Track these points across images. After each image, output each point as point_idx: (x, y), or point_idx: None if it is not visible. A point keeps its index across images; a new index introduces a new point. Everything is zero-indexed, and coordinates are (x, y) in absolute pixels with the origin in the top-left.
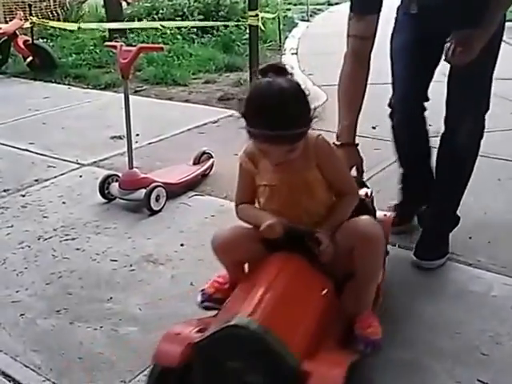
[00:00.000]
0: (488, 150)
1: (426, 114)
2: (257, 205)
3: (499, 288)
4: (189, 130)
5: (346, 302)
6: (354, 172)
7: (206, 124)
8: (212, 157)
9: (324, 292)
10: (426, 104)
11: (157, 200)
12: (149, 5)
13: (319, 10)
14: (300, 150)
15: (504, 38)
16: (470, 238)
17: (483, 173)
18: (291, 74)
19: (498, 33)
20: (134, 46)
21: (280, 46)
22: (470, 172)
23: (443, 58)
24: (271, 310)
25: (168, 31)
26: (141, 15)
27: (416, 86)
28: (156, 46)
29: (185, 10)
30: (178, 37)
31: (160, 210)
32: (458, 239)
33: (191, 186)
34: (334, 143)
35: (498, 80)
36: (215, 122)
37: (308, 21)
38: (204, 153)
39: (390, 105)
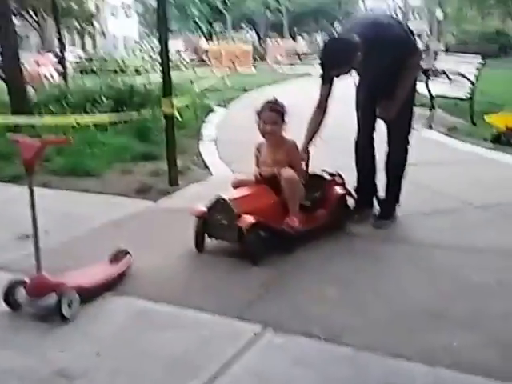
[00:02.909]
0: (402, 235)
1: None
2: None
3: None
4: (104, 224)
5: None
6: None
7: (122, 217)
8: (129, 254)
9: (272, 201)
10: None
11: (69, 306)
12: (58, 91)
13: (236, 96)
14: (276, 133)
15: (412, 125)
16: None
17: (399, 258)
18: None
19: (409, 96)
20: (40, 137)
21: (198, 133)
22: (403, 170)
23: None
24: (237, 196)
25: (80, 121)
26: (49, 102)
27: (369, 125)
28: (61, 139)
29: (96, 96)
30: (90, 124)
31: (73, 317)
32: (378, 327)
33: (108, 287)
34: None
35: (409, 166)
36: (132, 215)
37: (225, 107)
38: (121, 250)
39: (357, 136)
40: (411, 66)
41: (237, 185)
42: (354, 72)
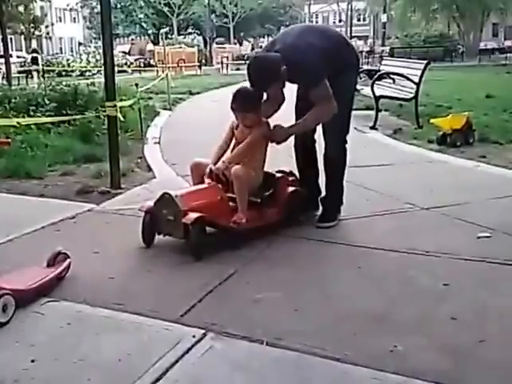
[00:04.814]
0: (346, 237)
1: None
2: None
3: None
4: (43, 227)
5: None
6: None
7: (62, 220)
8: (68, 257)
9: (219, 198)
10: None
11: (4, 310)
12: (0, 93)
13: (181, 99)
14: (250, 121)
15: (357, 126)
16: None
17: (343, 261)
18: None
19: (345, 96)
20: None
21: (142, 135)
22: (342, 169)
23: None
24: (184, 193)
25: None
26: None
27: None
28: (2, 140)
29: (39, 99)
30: (32, 126)
31: (8, 322)
32: (322, 331)
33: (45, 291)
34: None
35: (353, 167)
36: (73, 217)
37: (170, 110)
38: (59, 253)
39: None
40: (315, 100)
41: (196, 167)
42: None
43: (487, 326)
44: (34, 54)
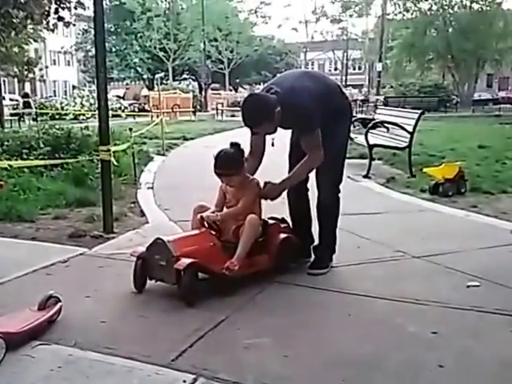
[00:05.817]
0: (337, 284)
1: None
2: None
3: None
4: (35, 271)
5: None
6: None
7: (54, 264)
8: (60, 301)
9: (211, 244)
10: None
11: None
12: None
13: (175, 144)
14: (236, 182)
15: (351, 175)
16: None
17: (334, 308)
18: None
19: (340, 143)
20: None
21: (135, 180)
22: (335, 217)
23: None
24: (176, 238)
25: (13, 164)
26: None
27: None
28: None
29: (32, 142)
30: (25, 170)
31: None
32: (312, 377)
33: (36, 334)
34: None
35: (346, 215)
36: (65, 261)
37: (164, 155)
38: (51, 297)
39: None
40: (305, 147)
41: (199, 210)
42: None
43: (475, 375)
44: (26, 99)
